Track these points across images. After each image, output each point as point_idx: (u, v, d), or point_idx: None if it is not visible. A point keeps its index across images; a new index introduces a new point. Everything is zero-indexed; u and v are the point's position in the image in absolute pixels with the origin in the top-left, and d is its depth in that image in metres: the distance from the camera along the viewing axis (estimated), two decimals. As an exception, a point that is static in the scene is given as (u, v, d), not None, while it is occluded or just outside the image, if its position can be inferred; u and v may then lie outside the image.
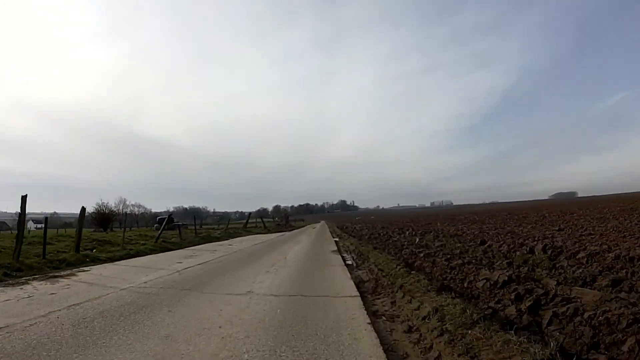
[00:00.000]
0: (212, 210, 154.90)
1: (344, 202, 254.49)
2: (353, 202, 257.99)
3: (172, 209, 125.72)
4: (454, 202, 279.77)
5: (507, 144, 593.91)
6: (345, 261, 9.15)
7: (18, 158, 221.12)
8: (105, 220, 43.76)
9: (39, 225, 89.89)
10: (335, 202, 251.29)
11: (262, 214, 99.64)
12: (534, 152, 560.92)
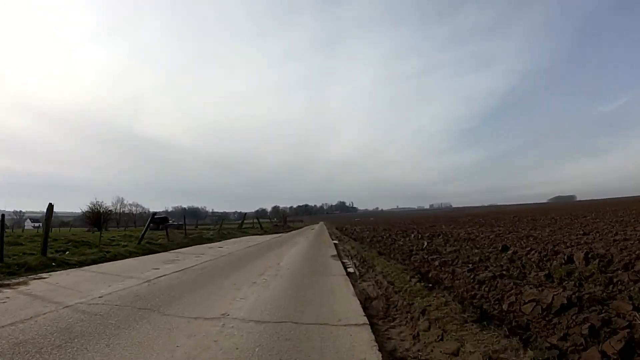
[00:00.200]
0: (211, 211, 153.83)
1: (343, 203, 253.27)
2: (352, 203, 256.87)
3: (171, 209, 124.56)
4: (453, 205, 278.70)
5: (506, 145, 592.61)
6: (346, 268, 7.98)
7: (18, 158, 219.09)
8: (100, 219, 42.60)
9: (37, 224, 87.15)
10: (334, 204, 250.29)
11: (261, 214, 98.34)
12: (533, 153, 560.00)
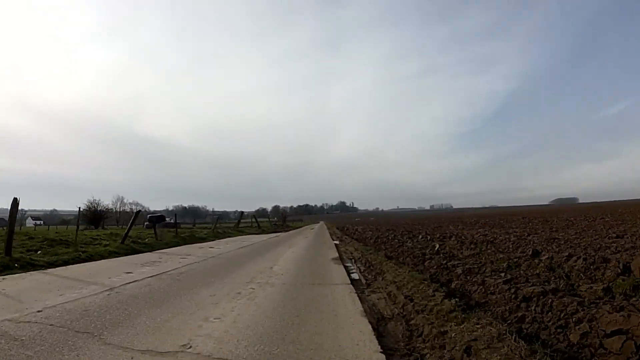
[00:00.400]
0: (211, 210, 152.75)
1: (343, 203, 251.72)
2: (352, 203, 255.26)
3: (171, 208, 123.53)
4: (454, 206, 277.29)
5: (507, 147, 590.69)
6: (350, 274, 6.87)
7: (18, 157, 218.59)
8: (97, 217, 41.54)
9: (38, 222, 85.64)
10: (334, 204, 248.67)
11: (261, 214, 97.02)
12: (533, 155, 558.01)
